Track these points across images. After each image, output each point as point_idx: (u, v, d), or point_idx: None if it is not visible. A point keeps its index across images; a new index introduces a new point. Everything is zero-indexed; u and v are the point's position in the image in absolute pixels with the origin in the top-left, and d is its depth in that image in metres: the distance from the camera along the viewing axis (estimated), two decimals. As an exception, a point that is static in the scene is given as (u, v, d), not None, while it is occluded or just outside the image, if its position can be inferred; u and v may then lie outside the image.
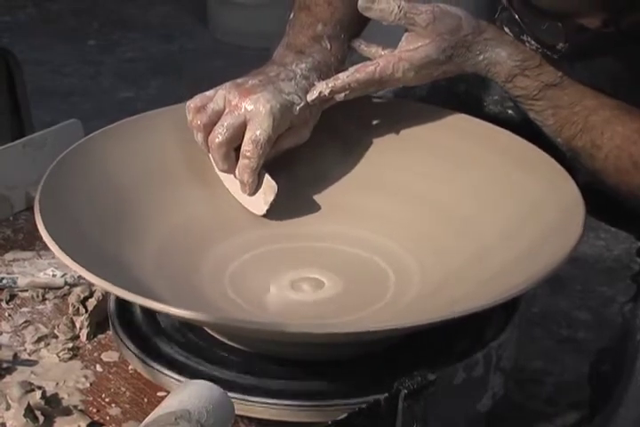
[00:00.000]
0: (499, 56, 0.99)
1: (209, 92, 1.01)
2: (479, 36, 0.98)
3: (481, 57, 0.99)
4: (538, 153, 1.01)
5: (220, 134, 0.99)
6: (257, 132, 0.97)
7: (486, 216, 0.99)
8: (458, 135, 1.06)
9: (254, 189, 1.01)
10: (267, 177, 1.01)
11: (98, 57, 2.86)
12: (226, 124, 0.98)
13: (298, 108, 0.99)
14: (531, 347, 1.60)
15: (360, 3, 0.99)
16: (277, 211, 1.02)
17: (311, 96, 1.00)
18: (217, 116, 0.99)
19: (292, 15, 1.08)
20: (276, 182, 1.01)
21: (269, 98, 0.98)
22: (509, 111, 1.16)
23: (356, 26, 1.06)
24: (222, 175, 1.03)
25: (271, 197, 1.00)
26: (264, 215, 1.02)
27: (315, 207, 1.05)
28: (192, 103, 1.01)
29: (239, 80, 1.01)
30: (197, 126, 1.00)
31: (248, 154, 0.98)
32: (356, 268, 1.00)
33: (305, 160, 1.06)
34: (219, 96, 1.00)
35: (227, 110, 0.99)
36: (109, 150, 1.03)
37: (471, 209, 1.01)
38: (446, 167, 1.05)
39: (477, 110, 1.13)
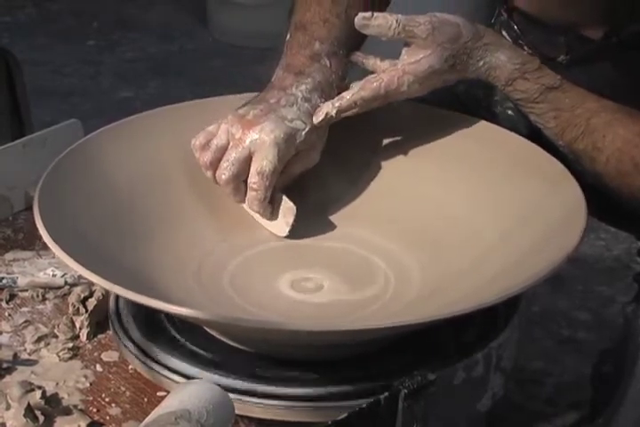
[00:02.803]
0: (498, 60, 0.98)
1: (211, 128, 1.00)
2: (479, 41, 0.98)
3: (481, 62, 0.99)
4: (539, 153, 1.01)
5: (226, 170, 0.98)
6: (263, 163, 0.97)
7: (487, 216, 0.99)
8: (458, 136, 1.06)
9: (269, 215, 1.01)
10: (284, 199, 1.00)
11: (97, 57, 2.86)
12: (231, 159, 0.98)
13: (303, 133, 0.98)
14: (531, 347, 1.60)
15: (357, 21, 0.98)
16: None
17: (317, 118, 0.99)
18: (221, 152, 0.99)
19: (288, 36, 1.06)
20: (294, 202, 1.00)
21: (272, 128, 0.97)
22: (509, 112, 1.16)
23: (354, 41, 1.05)
24: None
25: (291, 219, 1.00)
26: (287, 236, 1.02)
27: (318, 209, 1.05)
28: (196, 141, 1.00)
29: (240, 111, 1.00)
30: (204, 164, 1.00)
31: (255, 186, 0.98)
32: (357, 268, 0.99)
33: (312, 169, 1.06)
34: (222, 131, 0.99)
35: (231, 144, 0.98)
36: (108, 150, 1.03)
37: (472, 209, 1.01)
38: (447, 168, 1.04)
39: (477, 111, 1.13)
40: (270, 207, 1.01)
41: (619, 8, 0.99)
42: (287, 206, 1.00)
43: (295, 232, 1.01)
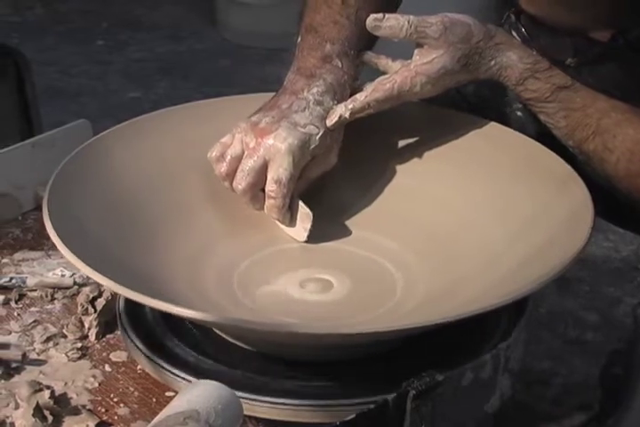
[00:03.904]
0: (510, 59, 0.98)
1: (225, 139, 1.00)
2: (490, 41, 0.98)
3: (493, 62, 0.99)
4: (547, 154, 1.01)
5: (242, 180, 0.98)
6: (279, 171, 0.97)
7: (495, 217, 0.99)
8: (467, 137, 1.06)
9: (288, 222, 1.01)
10: (301, 205, 1.01)
11: (106, 57, 2.87)
12: (247, 169, 0.98)
13: (317, 138, 0.98)
14: (538, 348, 1.60)
15: (368, 22, 0.98)
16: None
17: (331, 121, 0.99)
18: (237, 162, 0.99)
19: (298, 39, 1.06)
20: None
21: (285, 135, 0.97)
22: (518, 113, 1.16)
23: (365, 42, 1.05)
24: None
25: (308, 225, 1.00)
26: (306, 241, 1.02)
27: (330, 213, 1.05)
28: (212, 153, 1.01)
29: (253, 118, 1.00)
30: (220, 175, 1.00)
31: (272, 194, 0.98)
32: (365, 270, 0.99)
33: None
34: (236, 140, 0.99)
35: (245, 154, 0.98)
36: (117, 150, 1.04)
37: (480, 211, 1.00)
38: (456, 169, 1.04)
39: (486, 111, 1.13)
40: (289, 214, 1.01)
41: (625, 11, 0.99)
42: (304, 212, 1.00)
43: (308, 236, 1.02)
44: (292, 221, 1.02)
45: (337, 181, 1.06)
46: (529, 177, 1.00)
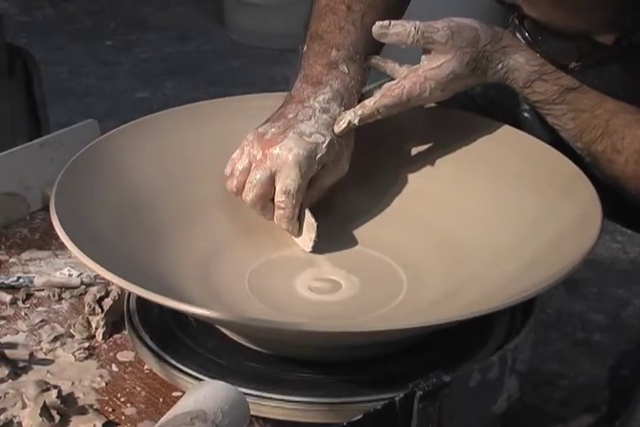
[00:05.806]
0: (517, 62, 0.98)
1: (235, 154, 1.00)
2: (497, 44, 0.98)
3: (500, 65, 0.98)
4: (555, 155, 1.01)
5: (250, 192, 0.99)
6: (286, 182, 0.97)
7: (504, 218, 0.99)
8: (474, 138, 1.06)
9: (297, 232, 1.01)
10: (307, 215, 1.01)
11: (114, 57, 2.87)
12: (254, 180, 0.98)
13: (323, 146, 0.98)
14: (545, 349, 1.60)
15: (374, 30, 0.98)
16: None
17: (339, 128, 0.99)
18: (245, 175, 0.99)
19: (304, 48, 1.06)
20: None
21: (291, 146, 0.97)
22: (525, 114, 1.15)
23: (371, 47, 1.04)
24: None
25: (313, 235, 1.00)
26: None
27: (337, 212, 1.05)
28: (226, 170, 1.01)
29: (260, 129, 1.00)
30: (232, 190, 1.00)
31: (282, 205, 0.98)
32: (373, 270, 0.99)
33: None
34: (245, 154, 0.99)
35: (253, 166, 0.99)
36: (125, 150, 1.04)
37: (489, 211, 1.00)
38: (464, 170, 1.04)
39: (493, 113, 1.13)
40: (297, 224, 1.01)
41: (630, 13, 0.98)
42: (309, 222, 1.00)
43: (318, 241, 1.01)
44: (300, 232, 1.02)
45: (348, 185, 1.06)
46: (537, 178, 1.00)
